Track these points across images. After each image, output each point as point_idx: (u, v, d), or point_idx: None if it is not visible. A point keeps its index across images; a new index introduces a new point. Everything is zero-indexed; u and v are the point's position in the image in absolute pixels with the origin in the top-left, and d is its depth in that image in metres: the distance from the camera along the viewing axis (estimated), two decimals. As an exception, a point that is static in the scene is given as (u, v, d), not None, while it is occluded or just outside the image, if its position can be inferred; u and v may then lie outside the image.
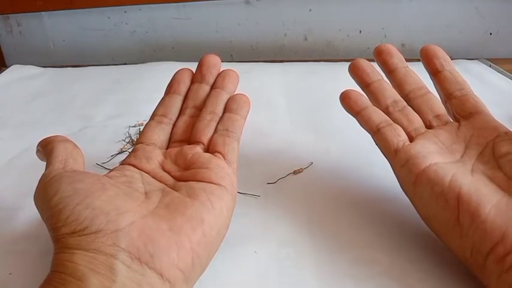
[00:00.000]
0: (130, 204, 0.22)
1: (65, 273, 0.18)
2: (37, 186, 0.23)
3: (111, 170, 0.26)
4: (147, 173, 0.26)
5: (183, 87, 0.32)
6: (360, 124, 0.30)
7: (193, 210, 0.23)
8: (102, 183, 0.23)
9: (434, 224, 0.24)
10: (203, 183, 0.24)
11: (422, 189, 0.24)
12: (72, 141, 0.26)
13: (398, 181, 0.27)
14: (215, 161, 0.26)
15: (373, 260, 0.26)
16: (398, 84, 0.31)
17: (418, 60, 0.31)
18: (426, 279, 0.24)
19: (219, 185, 0.24)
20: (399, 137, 0.27)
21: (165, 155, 0.27)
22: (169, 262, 0.20)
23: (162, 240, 0.20)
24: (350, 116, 0.31)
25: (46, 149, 0.26)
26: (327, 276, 0.25)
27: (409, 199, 0.26)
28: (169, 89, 0.32)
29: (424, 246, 0.27)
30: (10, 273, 0.26)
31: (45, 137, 0.27)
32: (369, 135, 0.29)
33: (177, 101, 0.31)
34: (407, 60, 0.32)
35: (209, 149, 0.28)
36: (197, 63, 0.32)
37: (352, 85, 0.32)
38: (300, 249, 0.27)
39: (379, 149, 0.29)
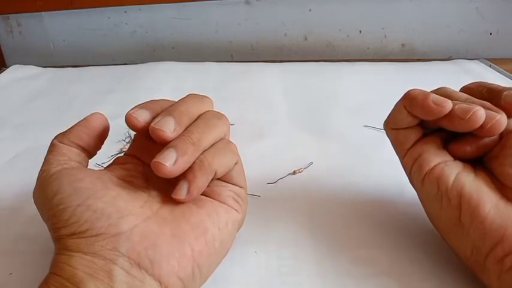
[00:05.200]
0: (133, 205, 0.22)
1: (62, 276, 0.18)
2: (36, 183, 0.23)
3: (112, 163, 0.25)
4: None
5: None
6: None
7: (198, 218, 0.22)
8: (104, 182, 0.22)
9: (438, 222, 0.24)
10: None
11: (430, 187, 0.24)
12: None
13: (408, 177, 0.26)
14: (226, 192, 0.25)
15: (373, 259, 0.26)
16: None
17: (418, 60, 0.31)
18: (426, 278, 0.25)
19: (228, 205, 0.24)
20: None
21: None
22: (169, 269, 0.20)
23: (163, 246, 0.20)
24: (350, 116, 0.31)
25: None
26: (327, 276, 0.25)
27: (418, 196, 0.26)
28: None
29: (424, 246, 0.27)
30: (10, 273, 0.26)
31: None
32: (368, 135, 0.29)
33: None
34: (407, 60, 0.32)
35: None
36: (197, 63, 0.31)
37: (352, 85, 0.32)
38: (300, 249, 0.27)
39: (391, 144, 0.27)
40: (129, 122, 0.23)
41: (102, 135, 0.25)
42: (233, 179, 0.25)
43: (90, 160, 0.25)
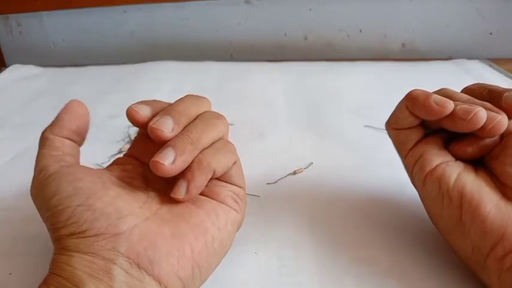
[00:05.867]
0: (133, 206, 0.22)
1: (62, 276, 0.18)
2: (33, 182, 0.22)
3: (111, 164, 0.25)
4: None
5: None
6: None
7: (197, 218, 0.22)
8: (103, 181, 0.22)
9: (439, 222, 0.24)
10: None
11: (431, 187, 0.24)
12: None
13: (410, 177, 0.26)
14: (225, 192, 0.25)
15: (373, 259, 0.26)
16: None
17: (418, 60, 0.31)
18: (426, 278, 0.25)
19: (227, 205, 0.24)
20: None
21: None
22: (168, 269, 0.20)
23: (163, 246, 0.20)
24: (350, 115, 0.31)
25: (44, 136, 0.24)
26: (327, 276, 0.25)
27: (419, 196, 0.26)
28: None
29: (425, 245, 0.27)
30: (10, 273, 0.26)
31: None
32: (369, 135, 0.29)
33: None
34: (407, 60, 0.32)
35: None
36: (197, 63, 0.31)
37: (352, 85, 0.32)
38: (300, 249, 0.27)
39: (393, 144, 0.27)
40: (130, 115, 0.23)
41: (86, 120, 0.25)
42: (232, 179, 0.25)
43: (89, 160, 0.25)
